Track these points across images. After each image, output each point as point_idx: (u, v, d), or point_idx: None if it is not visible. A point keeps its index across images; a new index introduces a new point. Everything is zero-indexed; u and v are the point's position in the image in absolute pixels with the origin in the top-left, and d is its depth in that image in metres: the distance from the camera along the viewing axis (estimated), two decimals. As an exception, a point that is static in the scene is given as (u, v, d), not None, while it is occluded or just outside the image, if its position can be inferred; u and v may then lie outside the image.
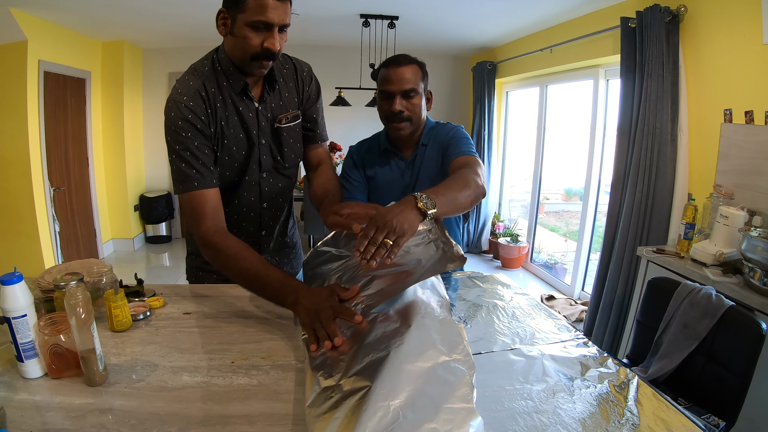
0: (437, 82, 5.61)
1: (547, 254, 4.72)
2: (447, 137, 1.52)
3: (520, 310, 1.26)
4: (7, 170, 3.68)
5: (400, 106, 1.45)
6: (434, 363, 0.75)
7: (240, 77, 1.25)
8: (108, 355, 0.98)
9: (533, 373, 0.93)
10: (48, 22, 3.69)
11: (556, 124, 4.43)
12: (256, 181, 1.38)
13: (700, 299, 1.55)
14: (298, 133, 1.43)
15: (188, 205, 1.22)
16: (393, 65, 1.46)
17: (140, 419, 0.75)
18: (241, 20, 1.12)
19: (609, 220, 2.90)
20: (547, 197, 5.84)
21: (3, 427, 0.73)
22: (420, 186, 1.53)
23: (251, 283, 1.11)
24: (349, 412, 0.66)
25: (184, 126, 1.18)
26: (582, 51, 3.38)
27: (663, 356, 1.55)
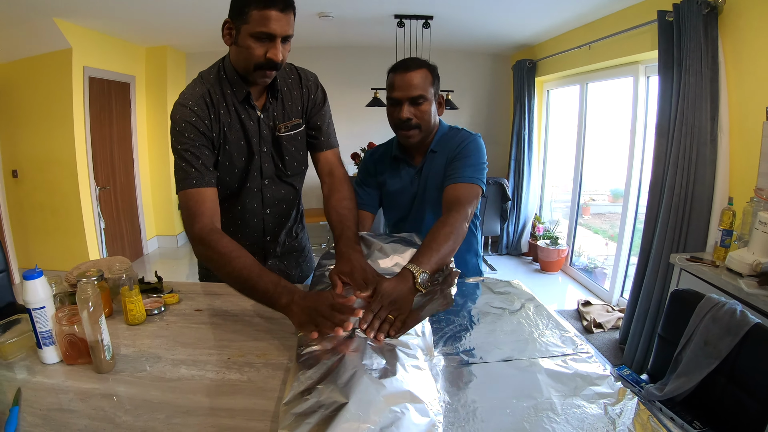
0: (476, 82, 5.60)
1: (588, 258, 4.60)
2: (455, 149, 1.48)
3: (527, 319, 1.24)
4: (55, 171, 3.99)
5: (408, 114, 1.44)
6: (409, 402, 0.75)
7: (243, 86, 1.30)
8: (119, 346, 1.09)
9: (523, 387, 0.91)
10: (91, 30, 3.97)
11: (598, 124, 4.32)
12: (258, 188, 1.43)
13: (722, 315, 1.45)
14: (300, 142, 1.46)
15: (185, 203, 1.24)
16: (400, 70, 1.44)
17: (135, 405, 0.84)
18: (245, 31, 1.18)
19: (647, 224, 2.82)
20: (593, 198, 5.70)
21: (17, 405, 0.83)
22: (428, 195, 1.53)
23: (243, 283, 1.09)
24: (321, 420, 0.68)
25: (187, 128, 1.24)
26: (621, 47, 3.30)
27: (681, 375, 1.48)
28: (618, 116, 3.96)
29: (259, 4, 1.14)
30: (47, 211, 4.12)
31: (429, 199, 1.54)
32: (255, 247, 1.51)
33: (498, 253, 5.37)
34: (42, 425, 0.79)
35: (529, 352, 1.06)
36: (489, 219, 4.95)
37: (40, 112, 3.89)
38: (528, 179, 5.05)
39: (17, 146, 4.03)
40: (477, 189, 1.41)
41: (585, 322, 3.38)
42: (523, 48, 5.09)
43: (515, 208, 5.19)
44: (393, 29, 4.19)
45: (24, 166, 4.07)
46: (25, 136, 3.98)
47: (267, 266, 1.57)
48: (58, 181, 4.00)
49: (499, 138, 5.62)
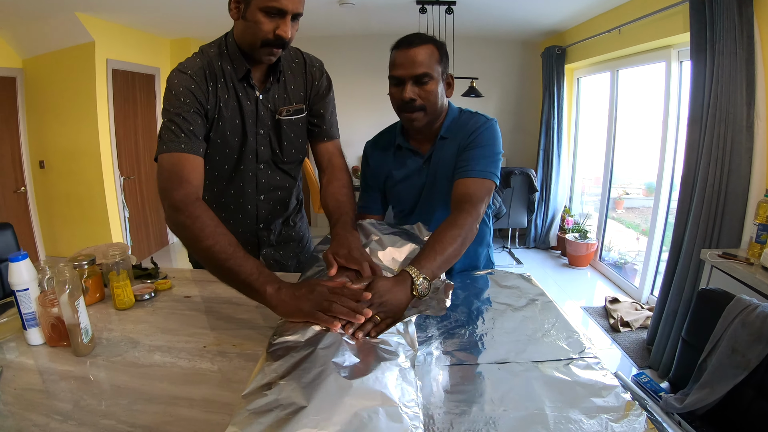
0: (504, 70, 5.48)
1: (618, 253, 4.46)
2: (468, 136, 1.37)
3: (531, 317, 1.16)
4: (80, 161, 4.14)
5: (412, 94, 1.30)
6: (380, 405, 0.69)
7: (244, 63, 1.27)
8: (102, 330, 1.11)
9: (513, 395, 0.83)
10: (114, 24, 4.08)
11: (630, 113, 4.16)
12: (252, 171, 1.41)
13: (754, 319, 1.30)
14: (301, 129, 1.43)
15: (170, 166, 1.15)
16: (403, 46, 1.31)
17: (101, 389, 0.86)
18: (255, 5, 1.14)
19: (678, 217, 2.69)
20: (626, 192, 5.52)
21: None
22: (438, 186, 1.43)
23: (223, 262, 1.00)
24: (275, 422, 0.63)
25: (184, 92, 1.20)
26: (652, 30, 3.15)
27: (704, 385, 1.35)
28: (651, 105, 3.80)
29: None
30: (73, 200, 4.29)
31: (439, 191, 1.43)
32: (248, 235, 1.51)
33: (525, 246, 5.27)
34: (13, 403, 0.82)
35: (527, 354, 0.98)
36: (515, 211, 4.86)
37: (65, 104, 4.04)
38: (557, 170, 4.93)
39: (44, 137, 4.20)
40: (490, 184, 1.31)
41: (612, 320, 3.27)
42: (553, 34, 4.94)
43: (544, 200, 5.07)
44: (415, 16, 4.14)
45: (50, 156, 4.24)
46: (51, 127, 4.14)
47: (261, 256, 1.58)
48: (83, 171, 4.16)
49: (528, 127, 5.50)
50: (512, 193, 4.76)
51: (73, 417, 0.77)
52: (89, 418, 0.76)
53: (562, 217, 5.05)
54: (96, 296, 1.29)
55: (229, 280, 1.03)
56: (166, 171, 1.15)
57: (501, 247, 5.28)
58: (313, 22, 4.70)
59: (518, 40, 5.33)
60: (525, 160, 5.55)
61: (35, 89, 4.10)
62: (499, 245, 5.37)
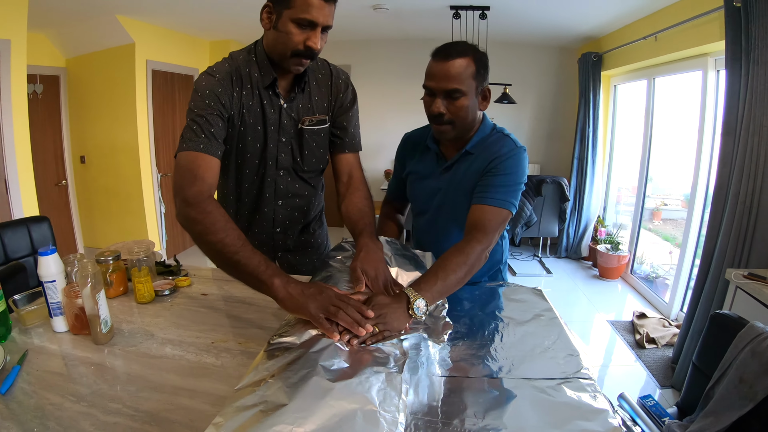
0: (540, 76, 5.45)
1: (651, 266, 4.35)
2: (493, 160, 1.35)
3: (533, 333, 1.15)
4: (119, 157, 4.37)
5: (441, 108, 1.30)
6: (359, 407, 0.72)
7: (271, 72, 1.31)
8: (122, 321, 1.21)
9: (497, 411, 0.83)
10: (153, 26, 4.28)
11: (667, 122, 4.06)
12: (272, 177, 1.45)
13: (764, 350, 1.24)
14: (323, 139, 1.47)
15: (187, 164, 1.19)
16: (439, 57, 1.29)
17: (114, 376, 0.95)
18: (287, 16, 1.19)
19: (709, 233, 2.62)
20: (665, 203, 5.37)
21: (19, 365, 0.96)
22: (452, 196, 1.44)
23: (231, 255, 1.04)
24: (255, 417, 0.68)
25: (210, 95, 1.24)
26: (688, 37, 3.08)
27: (709, 413, 1.31)
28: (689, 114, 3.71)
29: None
30: (111, 195, 4.53)
31: (453, 201, 1.45)
32: (264, 236, 1.57)
33: (557, 256, 5.21)
34: (34, 383, 0.91)
35: (520, 370, 0.97)
36: (546, 219, 4.82)
37: (106, 102, 4.27)
38: (591, 179, 4.86)
39: (85, 134, 4.45)
40: (507, 214, 1.31)
41: (638, 335, 3.21)
42: (590, 40, 4.87)
43: (576, 209, 5.01)
44: (449, 21, 4.17)
45: (91, 152, 4.50)
46: (92, 124, 4.39)
47: (277, 259, 1.64)
48: (122, 166, 4.38)
49: (564, 135, 5.44)
50: (543, 202, 4.72)
51: (86, 399, 0.85)
52: (99, 401, 0.85)
53: (595, 227, 4.97)
54: (120, 290, 1.39)
55: (238, 274, 1.06)
56: (182, 168, 1.19)
57: (532, 256, 5.25)
58: (348, 26, 4.79)
59: (555, 46, 5.28)
60: (559, 169, 5.49)
61: (77, 87, 4.36)
62: (530, 253, 5.33)
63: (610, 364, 3.05)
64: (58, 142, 4.42)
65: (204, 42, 5.19)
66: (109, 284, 1.36)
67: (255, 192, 1.49)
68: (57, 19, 3.83)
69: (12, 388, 0.89)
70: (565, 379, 0.93)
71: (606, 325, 3.54)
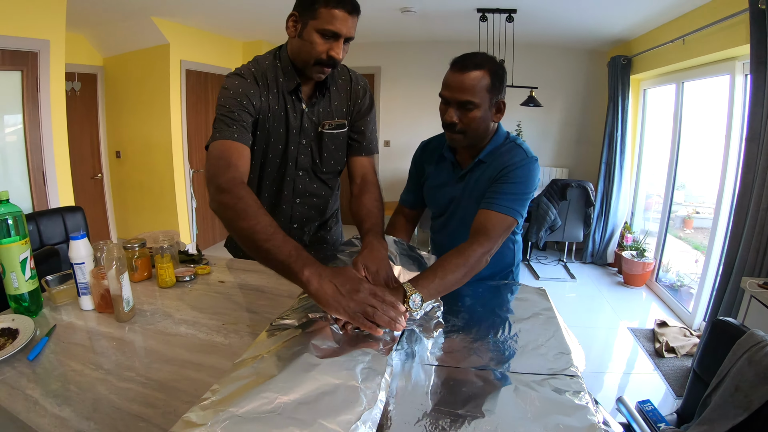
0: (570, 80, 5.42)
1: (677, 274, 4.26)
2: (503, 168, 1.39)
3: (529, 330, 1.16)
4: (153, 153, 4.57)
5: (454, 117, 1.34)
6: (342, 383, 0.76)
7: (295, 77, 1.39)
8: (143, 303, 1.30)
9: (478, 400, 0.85)
10: (187, 27, 4.46)
11: (698, 128, 3.98)
12: (291, 177, 1.53)
13: (761, 358, 1.23)
14: (342, 142, 1.54)
15: (218, 153, 1.24)
16: (456, 68, 1.32)
17: (131, 349, 1.04)
18: (312, 26, 1.26)
19: (731, 241, 2.59)
20: (697, 211, 5.25)
21: (47, 337, 1.06)
22: (465, 203, 1.49)
23: (262, 243, 1.02)
24: (247, 384, 0.74)
25: (241, 95, 1.31)
26: (715, 41, 3.03)
27: (704, 421, 1.30)
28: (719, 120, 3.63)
29: (330, 3, 1.23)
30: (145, 189, 4.74)
31: (466, 208, 1.50)
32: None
33: (582, 261, 5.16)
34: (60, 353, 1.01)
35: (509, 364, 0.99)
36: (571, 224, 4.78)
37: (141, 100, 4.48)
38: (618, 184, 4.80)
39: (121, 130, 4.68)
40: (511, 222, 1.33)
41: (657, 344, 3.16)
42: (620, 43, 4.82)
43: (603, 214, 4.95)
44: (476, 24, 4.20)
45: (126, 147, 4.72)
46: (128, 121, 4.61)
47: None
48: (155, 162, 4.58)
49: (593, 139, 5.38)
50: (568, 206, 4.68)
51: (103, 367, 0.94)
52: (116, 369, 0.94)
53: (621, 233, 4.90)
54: (144, 275, 1.49)
55: (268, 261, 1.03)
56: (215, 157, 1.23)
57: (557, 260, 5.21)
58: (377, 29, 4.87)
59: (584, 49, 5.24)
60: (588, 173, 5.43)
61: (114, 85, 4.59)
62: (555, 258, 5.30)
63: (629, 371, 3.02)
64: (94, 137, 4.66)
65: (237, 43, 5.36)
66: (134, 269, 1.46)
67: (274, 189, 1.56)
68: (94, 21, 4.04)
69: (39, 356, 0.99)
70: (552, 375, 0.95)
71: (626, 332, 3.50)
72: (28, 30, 2.96)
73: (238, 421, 0.65)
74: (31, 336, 1.04)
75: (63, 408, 0.81)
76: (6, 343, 1.02)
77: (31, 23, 2.97)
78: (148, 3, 3.67)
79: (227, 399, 0.70)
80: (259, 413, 0.67)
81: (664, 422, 1.42)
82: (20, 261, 1.17)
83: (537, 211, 4.73)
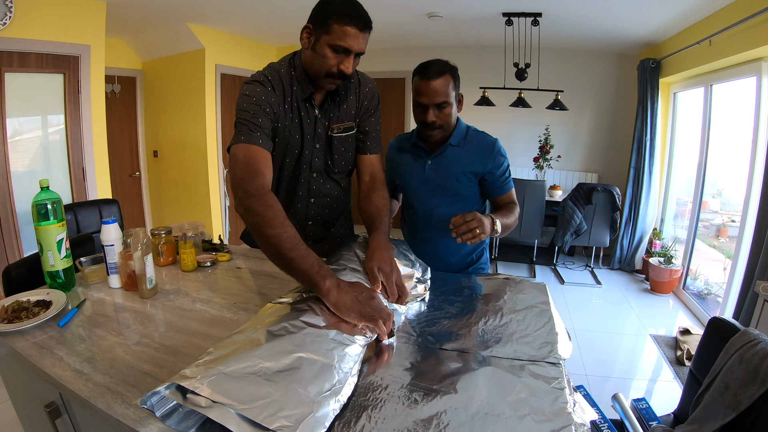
0: (600, 84, 5.35)
1: (705, 282, 4.15)
2: (487, 156, 1.69)
3: (520, 321, 1.20)
4: (188, 153, 4.78)
5: (433, 117, 1.60)
6: (320, 360, 0.85)
7: (308, 86, 1.43)
8: (166, 283, 1.42)
9: (452, 378, 0.91)
10: (222, 32, 4.66)
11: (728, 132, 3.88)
12: (306, 179, 1.58)
13: (752, 356, 1.21)
14: (351, 144, 1.59)
15: (245, 158, 1.28)
16: (425, 78, 1.57)
17: (150, 320, 1.15)
18: (325, 41, 1.30)
19: (754, 248, 2.54)
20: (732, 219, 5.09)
21: (76, 308, 1.19)
22: (440, 182, 1.72)
23: (287, 252, 1.10)
24: (236, 349, 0.83)
25: (263, 101, 1.35)
26: (741, 40, 2.97)
27: (694, 420, 1.30)
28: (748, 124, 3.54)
29: (343, 19, 1.27)
30: (180, 187, 4.96)
31: (444, 184, 1.73)
32: (297, 227, 1.70)
33: (610, 267, 5.08)
34: (87, 321, 1.14)
35: (492, 349, 1.04)
36: (597, 229, 4.72)
37: (178, 102, 4.70)
38: (647, 190, 4.70)
39: (158, 130, 4.92)
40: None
41: (679, 352, 3.11)
42: (649, 46, 4.74)
43: (632, 220, 4.86)
44: (501, 28, 4.23)
45: (163, 147, 4.96)
46: (165, 122, 4.85)
47: None
48: (191, 162, 4.78)
49: (624, 144, 5.29)
50: (594, 210, 4.62)
51: (123, 334, 1.06)
52: (133, 336, 1.05)
53: (650, 239, 4.80)
54: (169, 259, 1.62)
55: (290, 268, 1.11)
56: (242, 162, 1.27)
57: (584, 266, 5.14)
58: (406, 33, 4.96)
59: (612, 53, 5.18)
60: (615, 178, 5.34)
61: (152, 88, 4.83)
62: (582, 263, 5.23)
63: (648, 378, 2.98)
64: (133, 137, 4.92)
65: (270, 47, 5.54)
66: (160, 254, 1.59)
67: (290, 189, 1.62)
68: (133, 27, 4.28)
69: (68, 324, 1.12)
70: (532, 361, 0.99)
71: (649, 339, 3.45)
72: (70, 35, 3.20)
73: (224, 378, 0.75)
74: (63, 307, 1.17)
75: (84, 365, 0.92)
76: (40, 312, 1.15)
77: (73, 29, 3.20)
78: (184, 10, 3.86)
79: (218, 359, 0.80)
80: (242, 373, 0.77)
81: (656, 421, 1.41)
82: (57, 241, 1.30)
83: (562, 215, 4.70)
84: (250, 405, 0.71)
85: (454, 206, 1.71)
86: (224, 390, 0.73)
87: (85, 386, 0.85)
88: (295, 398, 0.75)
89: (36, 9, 2.98)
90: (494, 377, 0.91)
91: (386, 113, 6.07)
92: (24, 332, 1.06)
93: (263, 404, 0.72)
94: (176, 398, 0.74)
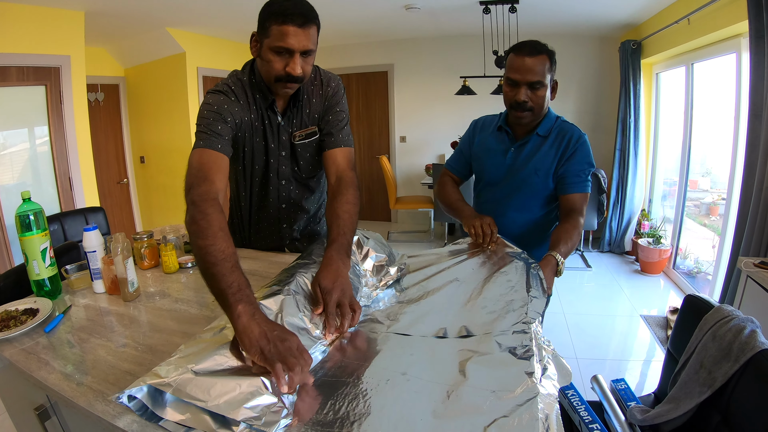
0: (582, 68, 5.42)
1: (695, 261, 4.22)
2: (569, 149, 1.62)
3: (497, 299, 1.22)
4: (174, 157, 4.84)
5: (525, 97, 1.55)
6: None
7: (269, 94, 1.43)
8: (148, 285, 1.48)
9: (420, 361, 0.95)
10: (202, 35, 4.70)
11: (712, 110, 3.94)
12: (275, 186, 1.60)
13: (725, 333, 1.19)
14: (315, 149, 1.58)
15: (197, 164, 1.26)
16: (523, 53, 1.54)
17: (132, 321, 1.21)
18: (266, 45, 1.28)
19: (739, 223, 2.59)
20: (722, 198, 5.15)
21: (62, 314, 1.24)
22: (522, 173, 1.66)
23: (211, 267, 0.98)
24: (203, 347, 0.89)
25: (225, 110, 1.35)
26: (719, 17, 3.00)
27: (670, 400, 1.27)
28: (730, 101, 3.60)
29: (278, 19, 1.23)
30: (168, 192, 5.02)
31: (522, 177, 1.67)
32: (271, 230, 1.73)
33: (599, 250, 5.15)
34: (71, 326, 1.20)
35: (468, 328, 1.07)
36: (584, 212, 4.76)
37: (162, 107, 4.75)
38: (634, 171, 4.76)
39: (144, 135, 4.97)
40: (588, 195, 1.64)
41: (670, 331, 3.18)
42: (629, 28, 4.79)
43: (619, 202, 4.93)
44: (479, 16, 4.27)
45: (149, 152, 5.01)
46: (150, 127, 4.89)
47: (286, 246, 1.78)
48: (177, 166, 4.81)
49: (608, 127, 5.36)
50: (581, 195, 4.67)
51: (106, 336, 1.12)
52: (116, 337, 1.11)
53: (638, 220, 4.87)
54: (152, 263, 1.67)
55: (210, 285, 0.99)
56: (194, 168, 1.26)
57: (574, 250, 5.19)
58: (386, 27, 5.01)
59: (593, 36, 5.23)
60: (601, 161, 5.39)
61: (136, 94, 4.88)
62: (572, 248, 5.28)
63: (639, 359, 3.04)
64: (119, 144, 4.97)
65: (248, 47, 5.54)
66: (143, 258, 1.64)
67: (262, 194, 1.65)
68: (114, 35, 4.32)
69: (55, 329, 1.17)
70: (502, 332, 1.02)
71: (640, 320, 3.51)
72: (50, 47, 3.24)
73: (191, 376, 0.81)
74: (49, 313, 1.23)
75: (68, 366, 0.98)
76: (28, 320, 1.20)
77: (52, 40, 3.25)
78: (163, 15, 3.89)
79: (188, 357, 0.86)
80: (210, 371, 0.83)
81: (635, 401, 1.39)
82: (41, 251, 1.35)
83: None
84: (218, 401, 0.76)
85: (526, 201, 1.70)
86: (192, 387, 0.78)
87: (69, 387, 0.91)
88: (260, 390, 0.80)
89: (13, 22, 3.02)
90: (459, 351, 0.96)
91: (369, 107, 6.14)
92: (12, 340, 1.12)
93: (231, 398, 0.77)
94: (147, 401, 0.81)
